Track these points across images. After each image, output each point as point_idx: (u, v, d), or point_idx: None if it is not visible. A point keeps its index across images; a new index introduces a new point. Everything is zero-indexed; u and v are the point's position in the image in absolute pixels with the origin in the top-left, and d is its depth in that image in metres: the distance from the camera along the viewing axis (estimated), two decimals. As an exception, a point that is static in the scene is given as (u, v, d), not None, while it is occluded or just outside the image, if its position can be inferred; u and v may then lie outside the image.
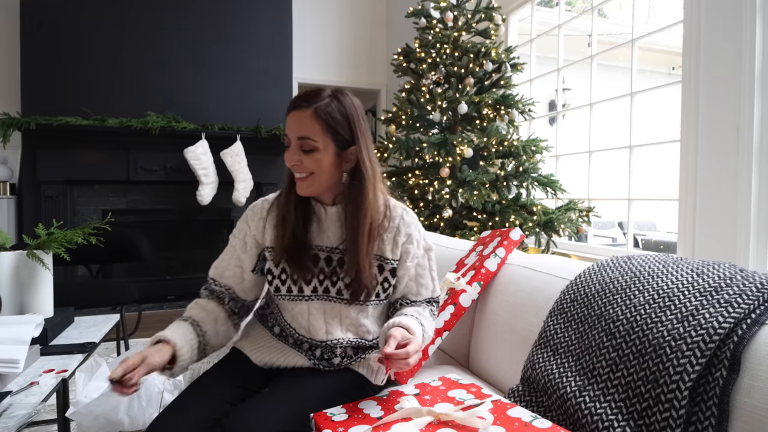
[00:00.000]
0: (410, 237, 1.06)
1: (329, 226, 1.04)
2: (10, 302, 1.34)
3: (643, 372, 0.81)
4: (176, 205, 3.92)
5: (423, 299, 1.09)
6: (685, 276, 0.91)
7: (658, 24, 2.58)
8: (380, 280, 1.04)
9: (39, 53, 3.49)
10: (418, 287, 1.08)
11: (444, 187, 2.77)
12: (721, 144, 2.04)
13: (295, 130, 0.96)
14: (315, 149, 0.96)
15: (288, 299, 1.03)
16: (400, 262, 1.05)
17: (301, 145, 0.96)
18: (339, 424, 0.79)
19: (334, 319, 1.03)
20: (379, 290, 1.04)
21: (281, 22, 4.14)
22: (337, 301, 1.03)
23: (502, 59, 3.00)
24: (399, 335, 0.88)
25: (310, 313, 1.03)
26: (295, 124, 0.96)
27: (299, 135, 0.96)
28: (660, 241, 5.57)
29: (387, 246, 1.04)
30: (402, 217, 1.06)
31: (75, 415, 1.24)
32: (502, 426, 0.76)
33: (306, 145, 0.96)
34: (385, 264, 1.04)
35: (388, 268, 1.04)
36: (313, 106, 0.95)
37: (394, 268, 1.05)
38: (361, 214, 0.98)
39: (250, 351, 1.07)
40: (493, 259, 1.38)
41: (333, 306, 1.03)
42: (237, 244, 1.08)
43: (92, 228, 1.53)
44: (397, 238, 1.04)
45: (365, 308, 1.04)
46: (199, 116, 3.85)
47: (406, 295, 1.08)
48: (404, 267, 1.06)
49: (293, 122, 0.96)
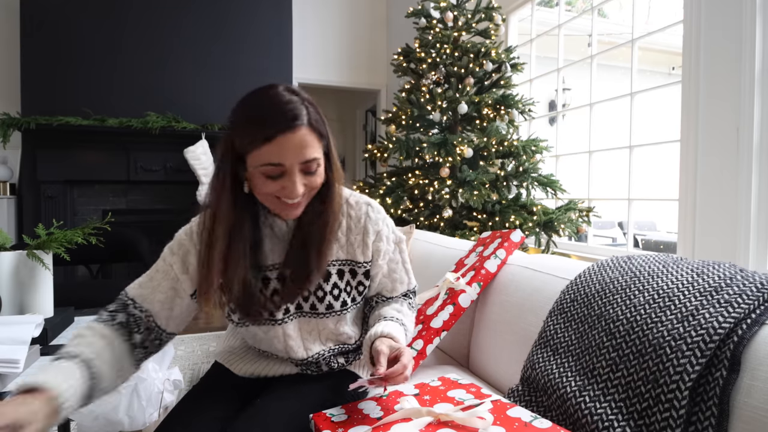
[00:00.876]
0: (379, 234, 0.96)
1: (279, 241, 0.92)
2: (10, 302, 1.34)
3: (643, 372, 0.81)
4: (176, 205, 3.92)
5: (399, 294, 1.02)
6: (685, 276, 0.91)
7: (658, 24, 2.58)
8: (354, 285, 0.96)
9: (39, 53, 3.49)
10: (392, 283, 1.01)
11: (444, 187, 2.77)
12: (721, 144, 2.04)
13: (298, 155, 0.78)
14: (317, 167, 0.82)
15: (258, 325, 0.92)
16: (373, 262, 0.97)
17: (304, 168, 0.80)
18: (338, 425, 0.79)
19: (311, 334, 0.95)
20: (354, 295, 0.97)
21: (281, 22, 4.14)
22: (312, 315, 0.94)
23: (502, 59, 3.00)
24: (386, 349, 0.81)
25: (286, 335, 0.93)
26: (295, 148, 0.77)
27: (304, 159, 0.79)
28: (660, 241, 5.57)
29: (357, 249, 0.94)
30: (368, 214, 0.95)
31: (75, 415, 1.24)
32: (502, 426, 0.76)
33: (310, 167, 0.81)
34: (358, 268, 0.95)
35: (361, 272, 0.96)
36: (306, 119, 0.79)
37: (367, 270, 0.97)
38: (322, 221, 0.88)
39: (232, 363, 1.01)
40: (494, 261, 1.38)
41: (308, 321, 0.95)
42: (176, 263, 0.89)
43: (92, 228, 1.52)
44: (366, 239, 0.94)
45: (343, 317, 0.96)
46: (199, 116, 3.85)
47: (381, 292, 1.01)
48: (377, 266, 0.97)
49: (291, 146, 0.77)
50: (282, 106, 0.78)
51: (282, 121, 0.77)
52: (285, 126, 0.76)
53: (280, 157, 0.77)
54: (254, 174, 0.80)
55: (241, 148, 0.80)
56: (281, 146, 0.77)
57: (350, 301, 0.96)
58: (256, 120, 0.78)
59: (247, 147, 0.78)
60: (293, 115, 0.77)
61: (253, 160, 0.79)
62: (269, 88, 0.81)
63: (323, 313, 0.94)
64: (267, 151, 0.77)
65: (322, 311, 0.94)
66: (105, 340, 0.81)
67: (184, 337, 2.98)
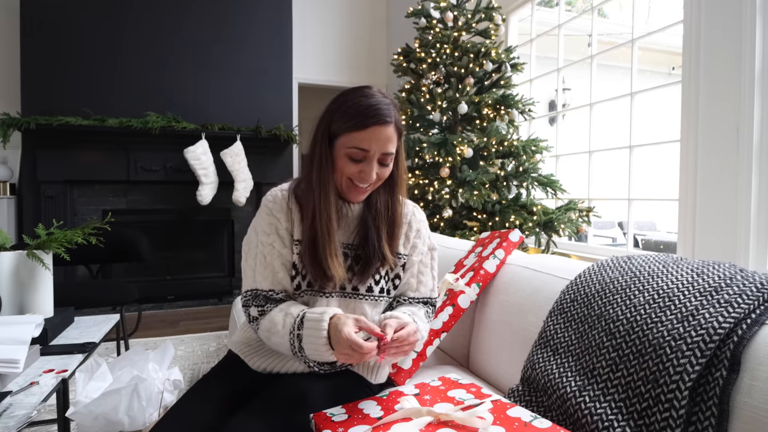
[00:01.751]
0: (419, 232, 1.08)
1: (350, 223, 1.03)
2: (10, 302, 1.34)
3: (643, 372, 0.81)
4: (176, 205, 3.92)
5: (421, 297, 1.08)
6: (685, 276, 0.91)
7: (658, 24, 2.58)
8: (392, 277, 1.05)
9: (39, 53, 3.49)
10: (418, 284, 1.08)
11: (444, 187, 2.78)
12: (721, 144, 2.04)
13: (382, 146, 0.93)
14: (391, 161, 0.97)
15: (309, 294, 1.00)
16: (408, 257, 1.07)
17: (382, 159, 0.95)
18: (339, 425, 0.79)
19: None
20: (390, 287, 1.05)
21: (281, 22, 4.14)
22: (352, 296, 1.01)
23: (502, 59, 3.00)
24: (394, 323, 0.88)
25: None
26: (382, 139, 0.92)
27: (385, 151, 0.94)
28: (660, 241, 5.57)
29: (400, 241, 1.05)
30: (413, 213, 1.09)
31: (75, 415, 1.24)
32: (502, 426, 0.76)
33: (386, 159, 0.95)
34: (398, 258, 1.05)
35: (400, 263, 1.05)
36: (393, 119, 0.94)
37: (404, 263, 1.06)
38: (396, 211, 1.01)
39: (247, 355, 1.05)
40: (492, 261, 1.38)
41: (348, 302, 1.01)
42: (275, 241, 1.00)
43: (92, 228, 1.53)
44: (409, 233, 1.06)
45: (379, 303, 1.04)
46: (199, 116, 3.85)
47: (405, 292, 1.08)
48: (411, 261, 1.07)
49: (379, 137, 0.92)
50: (380, 103, 0.93)
51: (378, 115, 0.91)
52: (379, 120, 0.91)
53: (369, 144, 0.92)
54: (339, 155, 0.94)
55: (337, 130, 0.94)
56: (371, 136, 0.91)
57: (387, 290, 1.04)
58: (357, 109, 0.92)
59: (343, 130, 0.92)
60: (386, 113, 0.92)
61: (344, 140, 0.93)
62: (367, 88, 0.97)
63: (363, 295, 1.01)
64: (359, 137, 0.91)
65: (362, 293, 1.01)
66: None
67: (184, 337, 2.98)
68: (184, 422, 0.86)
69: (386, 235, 1.01)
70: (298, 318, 0.90)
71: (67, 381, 1.15)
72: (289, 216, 1.00)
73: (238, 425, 0.83)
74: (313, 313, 0.90)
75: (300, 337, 0.89)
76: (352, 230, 1.03)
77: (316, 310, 0.91)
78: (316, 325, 0.87)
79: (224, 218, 4.13)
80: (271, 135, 3.92)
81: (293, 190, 1.03)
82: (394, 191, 1.02)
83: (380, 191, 1.02)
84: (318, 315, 0.89)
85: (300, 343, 0.89)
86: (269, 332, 0.93)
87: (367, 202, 1.03)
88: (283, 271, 0.99)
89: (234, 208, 4.05)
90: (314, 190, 0.95)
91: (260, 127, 3.89)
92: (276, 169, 4.10)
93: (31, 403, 0.95)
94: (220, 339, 2.96)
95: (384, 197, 1.02)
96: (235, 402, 0.94)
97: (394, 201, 1.02)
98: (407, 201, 1.10)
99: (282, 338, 0.91)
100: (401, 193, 1.03)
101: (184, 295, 3.99)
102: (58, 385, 1.06)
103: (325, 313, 0.89)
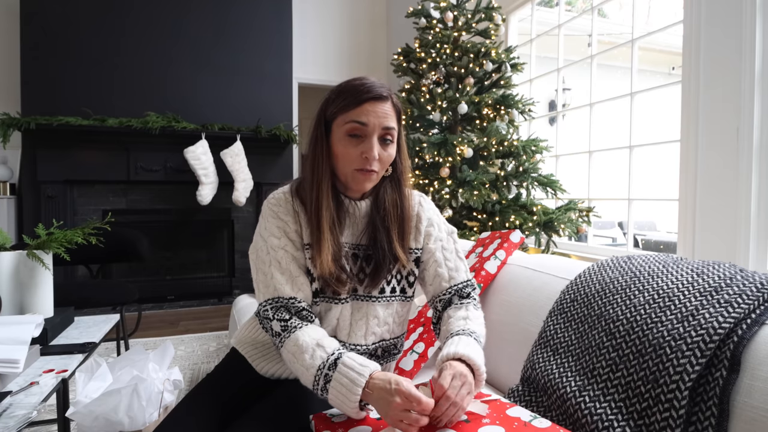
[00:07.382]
0: (431, 221, 1.04)
1: (357, 222, 0.98)
2: (10, 302, 1.34)
3: (643, 372, 0.81)
4: (176, 205, 3.92)
5: (457, 284, 1.01)
6: (685, 276, 0.91)
7: (658, 24, 2.58)
8: (405, 275, 1.00)
9: (39, 53, 3.49)
10: (449, 271, 1.01)
11: (444, 187, 2.77)
12: (721, 144, 2.04)
13: (381, 120, 0.90)
14: (392, 141, 0.93)
15: (324, 301, 0.94)
16: (424, 247, 1.02)
17: (383, 135, 0.91)
18: (338, 425, 0.79)
19: (361, 321, 0.97)
20: (404, 285, 1.00)
21: (281, 22, 4.14)
22: (365, 299, 0.97)
23: (502, 59, 3.00)
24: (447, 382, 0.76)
25: (342, 315, 0.95)
26: (380, 114, 0.89)
27: (385, 125, 0.90)
28: (660, 241, 5.57)
29: (411, 235, 1.01)
30: (420, 203, 1.05)
31: (75, 415, 1.24)
32: (502, 425, 0.76)
33: (389, 135, 0.92)
34: (410, 254, 1.01)
35: (412, 259, 1.01)
36: (390, 97, 0.92)
37: (418, 257, 1.01)
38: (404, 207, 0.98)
39: (255, 359, 1.01)
40: (494, 262, 1.38)
41: (360, 306, 0.97)
42: (287, 245, 0.93)
43: (92, 228, 1.53)
44: (419, 225, 1.02)
45: (391, 305, 0.99)
46: (199, 116, 3.85)
47: (440, 285, 1.01)
48: (428, 250, 1.02)
49: (377, 111, 0.89)
50: (374, 84, 0.92)
51: (372, 91, 0.90)
52: (374, 95, 0.90)
53: (367, 117, 0.89)
54: (338, 139, 0.91)
55: (332, 114, 0.92)
56: (368, 110, 0.89)
57: (399, 289, 1.00)
58: (351, 89, 0.91)
59: (339, 111, 0.91)
60: (381, 90, 0.91)
61: (341, 120, 0.90)
62: (362, 77, 0.95)
63: (375, 297, 0.97)
64: (356, 112, 0.89)
65: (375, 295, 0.97)
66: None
67: (184, 337, 2.98)
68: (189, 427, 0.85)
69: (397, 234, 0.97)
70: (332, 357, 0.81)
71: (67, 381, 1.15)
72: (297, 218, 0.95)
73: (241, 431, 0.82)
74: (352, 359, 0.80)
75: (328, 378, 0.79)
76: (360, 230, 0.98)
77: (355, 357, 0.81)
78: (352, 375, 0.77)
79: (224, 218, 4.13)
80: (271, 135, 3.92)
81: (295, 192, 0.97)
82: (400, 185, 0.99)
83: (387, 187, 0.98)
84: (357, 364, 0.79)
85: (326, 383, 0.80)
86: (293, 356, 0.84)
87: (375, 200, 0.99)
88: (303, 276, 0.92)
89: (234, 208, 4.05)
90: (313, 181, 0.92)
91: (260, 127, 3.89)
92: (276, 169, 4.10)
93: (31, 403, 0.95)
94: (220, 339, 2.96)
95: (391, 194, 0.98)
96: (236, 406, 0.93)
97: (401, 197, 0.99)
98: (414, 192, 1.06)
99: (307, 370, 0.82)
100: (406, 185, 1.00)
101: (184, 295, 3.99)
102: (58, 385, 1.06)
103: (365, 367, 0.79)
